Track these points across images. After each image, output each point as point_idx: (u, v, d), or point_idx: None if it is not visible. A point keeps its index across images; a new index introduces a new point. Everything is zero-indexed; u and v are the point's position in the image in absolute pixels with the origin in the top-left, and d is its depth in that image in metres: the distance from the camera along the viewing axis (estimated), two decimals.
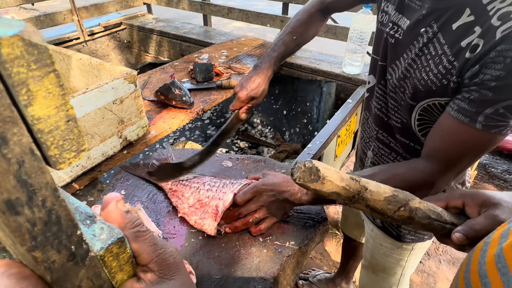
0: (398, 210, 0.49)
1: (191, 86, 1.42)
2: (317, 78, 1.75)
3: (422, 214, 0.49)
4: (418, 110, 0.67)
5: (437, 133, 0.62)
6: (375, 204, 0.49)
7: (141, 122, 1.05)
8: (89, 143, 0.90)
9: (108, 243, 0.22)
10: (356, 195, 0.48)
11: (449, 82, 0.58)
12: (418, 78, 0.63)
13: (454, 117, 0.57)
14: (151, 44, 2.37)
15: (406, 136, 0.74)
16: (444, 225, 0.50)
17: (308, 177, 0.47)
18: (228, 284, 0.60)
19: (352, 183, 0.48)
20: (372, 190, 0.49)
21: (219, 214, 0.66)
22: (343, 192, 0.48)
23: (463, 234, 0.48)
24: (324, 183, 0.47)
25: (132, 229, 0.25)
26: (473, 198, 0.51)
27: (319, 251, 1.88)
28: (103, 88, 0.88)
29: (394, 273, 1.00)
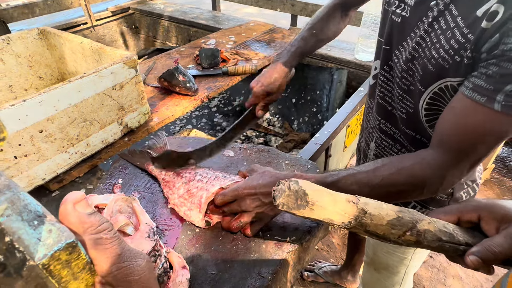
0: (404, 235, 0.41)
1: (196, 72, 1.37)
2: (327, 65, 1.68)
3: (431, 237, 0.42)
4: (427, 97, 0.60)
5: (448, 117, 0.54)
6: (376, 229, 0.41)
7: (143, 109, 1.02)
8: (87, 130, 0.88)
9: (54, 249, 0.19)
10: (353, 221, 0.41)
11: (462, 58, 0.51)
12: (428, 57, 0.56)
13: (468, 97, 0.50)
14: (159, 30, 2.33)
15: (412, 127, 0.68)
16: (457, 247, 0.43)
17: (293, 202, 0.40)
18: (223, 280, 0.57)
19: (348, 207, 0.41)
20: (373, 214, 0.41)
21: (202, 206, 0.62)
22: (337, 218, 0.41)
23: (479, 257, 0.41)
24: (314, 210, 0.40)
25: (93, 235, 0.21)
26: (490, 211, 0.43)
27: (326, 243, 1.85)
28: (102, 73, 0.85)
29: (397, 272, 0.96)
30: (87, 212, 0.22)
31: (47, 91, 0.75)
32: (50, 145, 0.80)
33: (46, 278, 0.19)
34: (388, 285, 1.01)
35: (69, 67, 1.15)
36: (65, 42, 1.07)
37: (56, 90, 0.77)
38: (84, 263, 0.21)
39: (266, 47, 1.64)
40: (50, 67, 1.19)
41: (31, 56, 1.13)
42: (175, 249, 0.62)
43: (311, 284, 1.62)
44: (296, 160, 0.83)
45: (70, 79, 0.80)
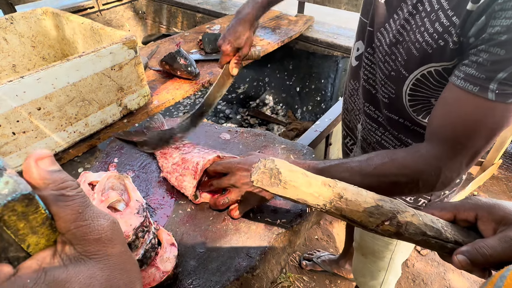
0: (382, 224, 0.40)
1: (199, 57, 1.37)
2: (333, 53, 1.65)
3: (414, 230, 0.40)
4: (410, 84, 0.57)
5: (441, 108, 0.52)
6: (352, 215, 0.41)
7: (142, 91, 1.02)
8: (86, 110, 0.88)
9: (8, 199, 0.19)
10: (328, 204, 0.40)
11: (447, 43, 0.49)
12: (413, 40, 0.54)
13: (460, 87, 0.47)
14: (166, 15, 2.31)
15: (395, 111, 0.65)
16: (445, 244, 0.41)
17: (267, 180, 0.40)
18: (211, 258, 0.57)
19: (323, 190, 0.40)
20: (349, 199, 0.41)
21: (198, 172, 0.62)
22: (310, 199, 0.41)
23: (467, 257, 0.38)
24: (287, 188, 0.40)
25: (54, 191, 0.21)
26: (489, 211, 0.40)
27: (326, 233, 1.85)
28: (101, 53, 0.85)
29: (383, 257, 0.96)
30: (50, 169, 0.22)
31: (44, 69, 0.76)
32: (49, 123, 0.81)
33: (1, 228, 0.19)
34: (374, 270, 1.02)
35: (71, 48, 1.15)
36: (67, 23, 1.07)
37: (54, 68, 0.77)
38: (44, 218, 0.21)
39: (271, 33, 1.62)
40: (53, 48, 1.19)
41: (34, 37, 1.14)
42: (166, 227, 0.63)
43: (309, 273, 1.63)
44: (292, 145, 0.82)
45: (68, 58, 0.80)
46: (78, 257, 0.22)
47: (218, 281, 0.54)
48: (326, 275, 1.62)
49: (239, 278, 0.55)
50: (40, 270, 0.20)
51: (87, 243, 0.22)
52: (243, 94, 2.03)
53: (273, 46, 1.51)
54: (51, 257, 0.21)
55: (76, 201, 0.22)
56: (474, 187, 1.93)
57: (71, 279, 0.20)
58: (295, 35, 1.63)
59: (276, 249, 0.63)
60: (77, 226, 0.22)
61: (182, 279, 0.54)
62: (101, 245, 0.22)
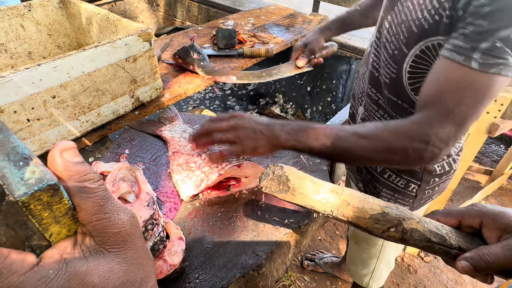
0: (388, 231, 0.41)
1: (212, 52, 1.36)
2: (347, 54, 1.63)
3: (419, 237, 0.41)
4: (410, 60, 0.60)
5: (432, 79, 0.55)
6: (358, 222, 0.42)
7: (155, 84, 1.03)
8: (99, 100, 0.89)
9: (35, 188, 0.19)
10: (335, 211, 0.42)
11: (441, 17, 0.52)
12: (414, 18, 0.57)
13: (448, 57, 0.51)
14: (180, 8, 2.31)
15: (395, 92, 0.67)
16: (448, 250, 0.42)
17: (276, 186, 0.42)
18: (218, 254, 0.58)
19: (331, 197, 0.41)
20: (356, 206, 0.42)
21: (200, 188, 0.64)
22: (318, 206, 0.42)
23: (471, 264, 0.39)
24: (295, 195, 0.42)
25: (77, 183, 0.22)
26: (494, 219, 0.41)
27: (329, 234, 1.84)
28: (116, 44, 0.86)
29: (375, 244, 0.97)
30: (74, 160, 0.22)
31: (61, 57, 0.76)
32: (62, 111, 0.82)
33: (27, 217, 0.19)
34: (366, 257, 1.02)
35: (86, 38, 1.16)
36: (84, 12, 1.08)
37: (70, 57, 0.78)
38: (67, 208, 0.21)
39: (285, 31, 1.61)
40: (68, 37, 1.20)
41: (50, 25, 1.15)
42: (174, 221, 0.63)
43: (310, 273, 1.63)
44: None
45: (84, 48, 0.81)
46: (97, 250, 0.22)
47: (224, 277, 0.54)
48: (327, 276, 1.62)
49: (245, 276, 0.55)
50: (61, 260, 0.20)
51: (107, 236, 0.22)
52: (253, 91, 2.03)
53: (286, 44, 1.50)
54: (72, 248, 0.22)
55: (98, 194, 0.22)
56: (482, 196, 1.91)
57: (91, 272, 0.21)
58: None
59: (282, 249, 0.63)
60: (98, 218, 0.22)
61: (188, 273, 0.55)
62: (120, 239, 0.23)
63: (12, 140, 0.22)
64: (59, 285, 0.19)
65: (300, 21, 1.73)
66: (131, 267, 0.23)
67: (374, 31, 0.74)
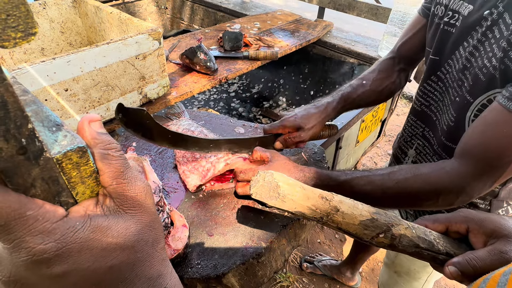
0: (377, 237, 0.43)
1: (218, 54, 1.40)
2: (349, 60, 1.67)
3: (407, 243, 0.43)
4: (475, 109, 0.57)
5: (477, 125, 0.52)
6: (348, 228, 0.43)
7: (163, 82, 1.06)
8: (109, 95, 0.92)
9: (67, 148, 0.22)
10: (325, 217, 0.43)
11: (508, 67, 0.50)
12: (480, 66, 0.55)
13: (503, 105, 0.47)
14: (187, 12, 2.36)
15: (452, 139, 0.65)
16: (436, 256, 0.43)
17: (266, 193, 0.43)
18: (219, 242, 0.60)
19: (320, 203, 0.43)
20: (345, 212, 0.43)
21: (206, 178, 0.66)
22: (308, 212, 0.43)
23: (458, 269, 0.40)
24: (285, 202, 0.42)
25: (102, 150, 0.24)
26: (480, 224, 0.42)
27: (329, 238, 1.86)
28: (127, 41, 0.89)
29: (419, 278, 0.94)
30: (100, 131, 0.25)
31: (75, 52, 0.80)
32: (74, 104, 0.85)
33: (59, 174, 0.22)
34: None
35: (97, 36, 1.20)
36: (96, 11, 1.12)
37: (84, 53, 0.81)
38: (92, 170, 0.24)
39: (290, 36, 1.65)
40: (80, 35, 1.24)
41: (64, 23, 1.19)
42: (178, 210, 0.66)
43: (309, 275, 1.64)
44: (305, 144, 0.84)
45: (97, 44, 0.84)
46: (116, 210, 0.25)
47: (225, 264, 0.56)
48: (325, 278, 1.63)
49: (245, 263, 0.58)
50: (86, 215, 0.23)
51: (125, 198, 0.25)
52: (257, 94, 2.06)
53: (290, 48, 1.53)
54: (94, 206, 0.24)
55: (119, 161, 0.25)
56: None
57: (111, 227, 0.23)
58: (313, 39, 1.65)
59: (281, 240, 0.65)
60: (118, 182, 0.24)
61: (191, 258, 0.57)
62: (136, 202, 0.25)
63: (45, 110, 0.25)
64: (85, 235, 0.22)
65: (305, 27, 1.76)
66: (144, 228, 0.26)
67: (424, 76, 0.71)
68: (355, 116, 1.20)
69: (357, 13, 1.76)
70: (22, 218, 0.19)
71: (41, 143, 0.20)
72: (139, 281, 0.25)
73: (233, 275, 0.57)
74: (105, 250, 0.23)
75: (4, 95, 0.18)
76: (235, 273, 0.57)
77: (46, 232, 0.20)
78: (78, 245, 0.21)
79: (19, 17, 0.17)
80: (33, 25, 0.17)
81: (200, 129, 0.78)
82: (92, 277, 0.22)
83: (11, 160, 0.19)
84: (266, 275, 0.64)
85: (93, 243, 0.22)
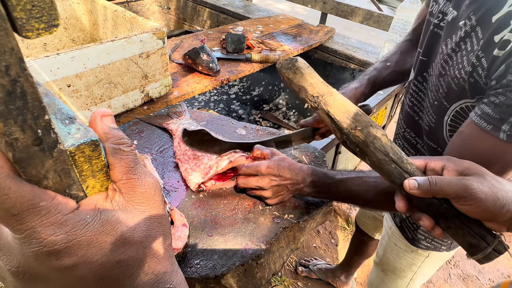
0: (355, 129, 0.47)
1: (220, 55, 1.41)
2: (350, 66, 1.68)
3: (379, 147, 0.46)
4: (451, 114, 0.60)
5: (457, 141, 0.55)
6: (334, 112, 0.48)
7: (165, 81, 1.06)
8: (111, 92, 0.92)
9: (80, 141, 0.22)
10: (320, 97, 0.49)
11: (477, 81, 0.52)
12: (452, 76, 0.57)
13: (476, 123, 0.50)
14: (190, 13, 2.37)
15: (434, 139, 0.68)
16: (402, 172, 0.45)
17: (286, 64, 0.52)
18: (218, 242, 0.60)
19: (320, 85, 0.50)
20: (337, 99, 0.49)
21: (209, 175, 0.66)
22: (309, 88, 0.50)
23: (418, 182, 0.42)
24: (296, 74, 0.51)
25: (113, 144, 0.24)
26: (455, 162, 0.44)
27: (325, 242, 1.86)
28: (132, 40, 0.89)
29: (404, 276, 0.96)
30: (111, 126, 0.25)
31: (79, 49, 0.80)
32: (76, 100, 0.85)
33: (71, 166, 0.22)
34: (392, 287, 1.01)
35: (101, 33, 1.20)
36: (101, 9, 1.12)
37: (88, 49, 0.81)
38: (103, 164, 0.24)
39: (292, 40, 1.66)
40: (83, 32, 1.24)
41: (67, 19, 1.19)
42: (178, 209, 0.65)
43: (304, 279, 1.64)
44: (305, 147, 0.85)
45: (102, 41, 0.84)
46: (125, 205, 0.25)
47: (224, 264, 0.56)
48: (320, 283, 1.63)
49: (244, 264, 0.57)
50: (96, 209, 0.23)
51: (134, 194, 0.25)
52: (257, 97, 2.07)
53: (292, 52, 1.54)
54: (104, 200, 0.24)
55: (130, 157, 0.25)
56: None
57: (121, 221, 0.23)
58: (315, 44, 1.66)
59: (281, 242, 0.65)
60: (128, 177, 0.24)
61: (190, 258, 0.57)
62: (145, 198, 0.25)
63: (57, 103, 0.25)
64: (95, 228, 0.22)
65: (307, 32, 1.78)
66: (153, 224, 0.26)
67: (412, 72, 0.73)
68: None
69: (359, 20, 1.77)
70: (35, 209, 0.19)
71: (56, 135, 0.20)
72: (146, 276, 0.25)
73: (232, 276, 0.57)
74: (114, 245, 0.23)
75: (24, 85, 0.18)
76: (234, 274, 0.57)
77: (57, 223, 0.20)
78: (88, 238, 0.22)
79: (43, 8, 0.17)
80: (56, 16, 0.17)
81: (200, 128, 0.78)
82: (100, 271, 0.23)
83: (26, 151, 0.19)
84: (265, 277, 0.64)
85: (103, 237, 0.22)
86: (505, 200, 0.40)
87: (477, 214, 0.41)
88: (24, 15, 0.17)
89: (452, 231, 0.44)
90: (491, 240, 0.42)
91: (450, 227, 0.44)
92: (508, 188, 0.42)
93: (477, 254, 0.42)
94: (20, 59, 0.17)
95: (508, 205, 0.40)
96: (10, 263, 0.21)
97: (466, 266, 1.78)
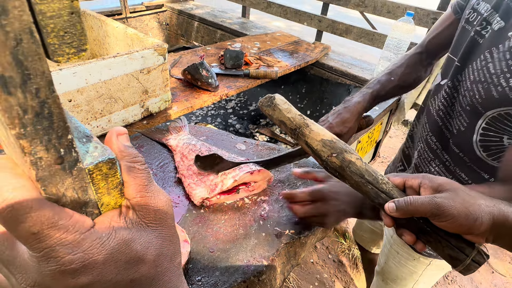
0: (331, 156, 0.50)
1: (219, 71, 1.43)
2: (346, 82, 1.71)
3: (355, 170, 0.49)
4: (486, 119, 0.60)
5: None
6: (312, 142, 0.52)
7: (165, 96, 1.07)
8: (111, 107, 0.93)
9: (99, 160, 0.22)
10: (298, 129, 0.54)
11: None
12: (496, 83, 0.58)
13: None
14: (188, 29, 2.41)
15: (458, 145, 0.67)
16: (378, 192, 0.48)
17: (266, 102, 0.57)
18: (220, 259, 0.59)
19: (297, 118, 0.55)
20: (312, 129, 0.53)
21: (214, 192, 0.67)
22: (287, 122, 0.55)
23: (395, 204, 0.45)
24: (275, 110, 0.56)
25: (128, 163, 0.25)
26: (430, 179, 0.47)
27: (322, 258, 1.84)
28: (133, 56, 0.91)
29: (405, 285, 0.96)
30: (126, 144, 0.26)
31: (81, 64, 0.81)
32: (76, 115, 0.85)
33: (88, 184, 0.22)
34: None
35: (101, 49, 1.22)
36: (102, 25, 1.14)
37: (90, 65, 0.82)
38: (118, 182, 0.24)
39: (288, 56, 1.69)
40: None
41: None
42: (179, 224, 0.65)
43: None
44: (305, 162, 0.85)
45: (104, 57, 0.85)
46: (138, 223, 0.25)
47: (226, 281, 0.56)
48: None
49: (246, 281, 0.57)
50: (111, 227, 0.23)
51: (148, 212, 0.25)
52: (254, 111, 2.09)
53: (289, 68, 1.57)
54: (118, 218, 0.24)
55: (144, 175, 0.25)
56: None
57: (135, 240, 0.24)
58: (312, 61, 1.70)
59: (282, 258, 0.65)
60: (142, 195, 0.25)
61: (191, 275, 0.56)
62: (158, 216, 0.26)
63: (74, 121, 0.25)
64: (110, 247, 0.22)
65: (304, 48, 1.82)
66: (165, 242, 0.26)
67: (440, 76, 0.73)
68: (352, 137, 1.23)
69: (354, 38, 1.82)
70: (55, 227, 0.20)
71: (77, 154, 0.21)
72: None
73: None
74: (128, 263, 0.23)
75: (52, 106, 0.18)
76: None
77: (75, 242, 0.21)
78: (103, 256, 0.22)
79: (74, 35, 0.18)
80: (85, 41, 0.18)
81: (201, 143, 0.79)
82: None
83: (48, 169, 0.20)
84: None
85: (118, 255, 0.22)
86: (477, 214, 0.43)
87: (454, 229, 0.44)
88: (57, 41, 0.17)
89: (432, 245, 0.46)
90: (470, 252, 0.44)
91: (430, 241, 0.46)
92: (480, 201, 0.44)
93: (458, 266, 0.45)
94: (49, 81, 0.18)
95: (481, 218, 0.43)
96: (25, 281, 0.21)
97: (463, 281, 1.77)
